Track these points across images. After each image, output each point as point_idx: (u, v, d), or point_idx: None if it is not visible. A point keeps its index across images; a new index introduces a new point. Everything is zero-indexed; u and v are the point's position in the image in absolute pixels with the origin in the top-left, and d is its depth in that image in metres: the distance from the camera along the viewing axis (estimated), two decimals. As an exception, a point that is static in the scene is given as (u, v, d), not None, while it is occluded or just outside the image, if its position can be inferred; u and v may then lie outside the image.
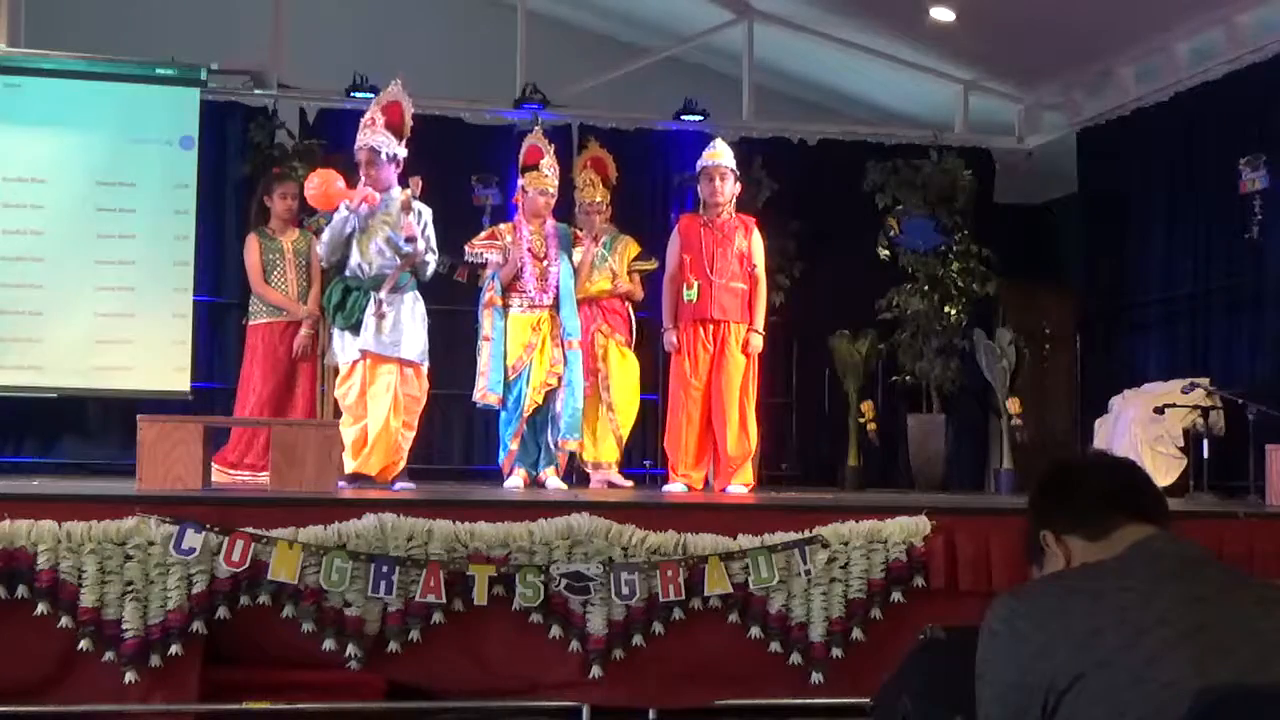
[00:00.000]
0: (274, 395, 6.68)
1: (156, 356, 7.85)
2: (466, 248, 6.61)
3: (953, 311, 8.69)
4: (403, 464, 5.90)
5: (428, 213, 5.98)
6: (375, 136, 5.88)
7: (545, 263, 6.48)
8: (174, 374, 7.86)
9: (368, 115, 5.97)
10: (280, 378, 6.72)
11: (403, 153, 5.98)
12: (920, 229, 8.61)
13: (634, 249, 6.97)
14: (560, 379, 6.40)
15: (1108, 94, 8.78)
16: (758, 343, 6.49)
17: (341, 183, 5.99)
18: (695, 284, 6.47)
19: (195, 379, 7.93)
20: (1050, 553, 1.87)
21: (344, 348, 5.87)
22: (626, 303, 6.93)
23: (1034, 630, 1.64)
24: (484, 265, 6.58)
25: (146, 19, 8.72)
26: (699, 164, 6.64)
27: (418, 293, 5.99)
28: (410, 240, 5.85)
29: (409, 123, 6.02)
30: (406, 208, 5.85)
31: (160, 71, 8.07)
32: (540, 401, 6.38)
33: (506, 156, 8.85)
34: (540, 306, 6.44)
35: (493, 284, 6.48)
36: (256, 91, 8.47)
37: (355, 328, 5.79)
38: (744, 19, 9.20)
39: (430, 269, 6.05)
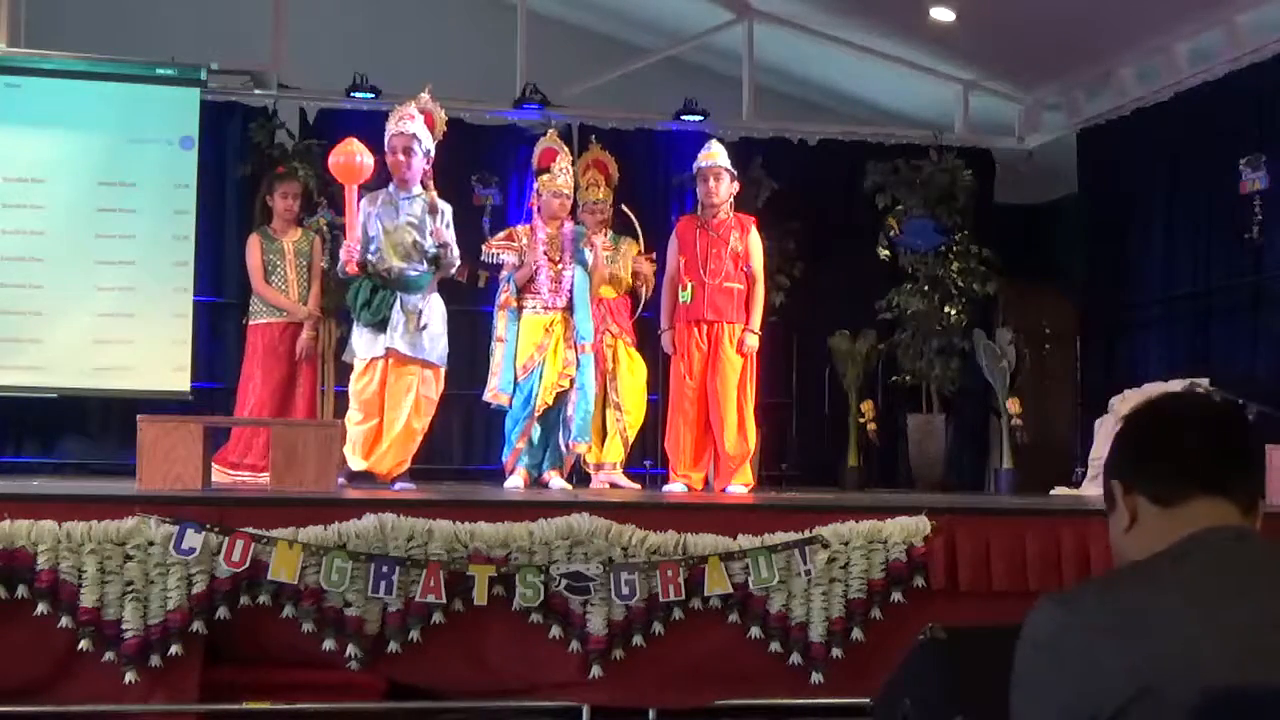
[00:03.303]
0: (274, 395, 6.68)
1: (156, 356, 7.85)
2: (484, 248, 6.65)
3: (953, 311, 8.68)
4: (407, 464, 5.90)
5: (449, 211, 5.99)
6: (417, 127, 5.88)
7: (560, 266, 6.49)
8: (174, 374, 7.85)
9: (404, 110, 5.96)
10: (280, 377, 6.72)
11: (433, 153, 6.00)
12: (920, 229, 8.61)
13: (634, 251, 6.98)
14: (572, 381, 6.41)
15: (1108, 94, 8.77)
16: (753, 342, 6.49)
17: (366, 156, 5.94)
18: (690, 285, 6.48)
19: (195, 379, 7.93)
20: (1117, 507, 1.69)
21: (364, 344, 5.86)
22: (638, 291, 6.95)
23: (1083, 650, 1.50)
24: (500, 266, 6.59)
25: (146, 19, 8.72)
26: (695, 165, 6.65)
27: (438, 294, 6.00)
28: (443, 246, 5.87)
29: (440, 133, 6.05)
30: (433, 209, 5.86)
31: (160, 71, 8.07)
32: (550, 402, 6.39)
33: (506, 157, 8.87)
34: (554, 309, 6.45)
35: (508, 286, 6.51)
36: (256, 91, 8.47)
37: (381, 325, 5.78)
38: (744, 19, 9.19)
39: (454, 269, 6.07)
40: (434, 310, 5.90)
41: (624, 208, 7.05)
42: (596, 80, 8.89)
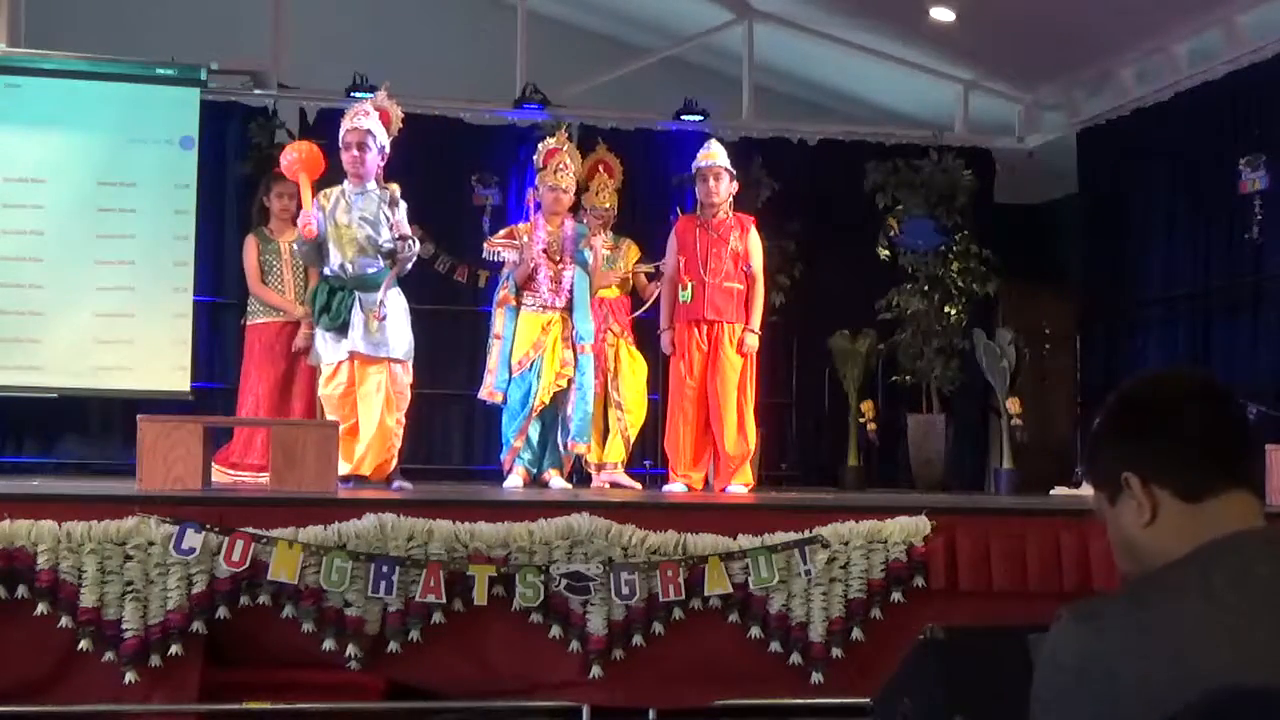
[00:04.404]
0: (272, 394, 6.67)
1: (156, 356, 7.85)
2: (485, 245, 6.63)
3: (953, 311, 8.68)
4: (395, 461, 5.88)
5: (403, 206, 5.95)
6: (371, 122, 5.87)
7: (560, 265, 6.47)
8: (174, 374, 7.85)
9: (360, 107, 5.97)
10: (278, 377, 6.71)
11: (388, 149, 5.98)
12: (920, 229, 8.61)
13: (634, 252, 6.98)
14: (570, 381, 6.40)
15: (1108, 94, 8.77)
16: (753, 342, 6.49)
17: (313, 153, 6.00)
18: (690, 285, 6.48)
19: (195, 379, 7.93)
20: (1133, 499, 1.56)
21: (328, 348, 5.84)
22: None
23: (1109, 674, 1.41)
24: (501, 263, 6.59)
25: (146, 19, 8.72)
26: (694, 164, 6.65)
27: (399, 288, 5.97)
28: (402, 239, 5.83)
29: (396, 130, 6.03)
30: (394, 202, 5.83)
31: (160, 71, 8.07)
32: (547, 401, 6.38)
33: (506, 157, 8.87)
34: (552, 308, 6.45)
35: (506, 283, 6.50)
36: (256, 91, 8.47)
37: (342, 329, 5.76)
38: (744, 19, 9.20)
39: (411, 262, 6.03)
40: (393, 305, 5.84)
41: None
42: (596, 80, 8.89)
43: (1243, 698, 1.33)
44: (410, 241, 5.85)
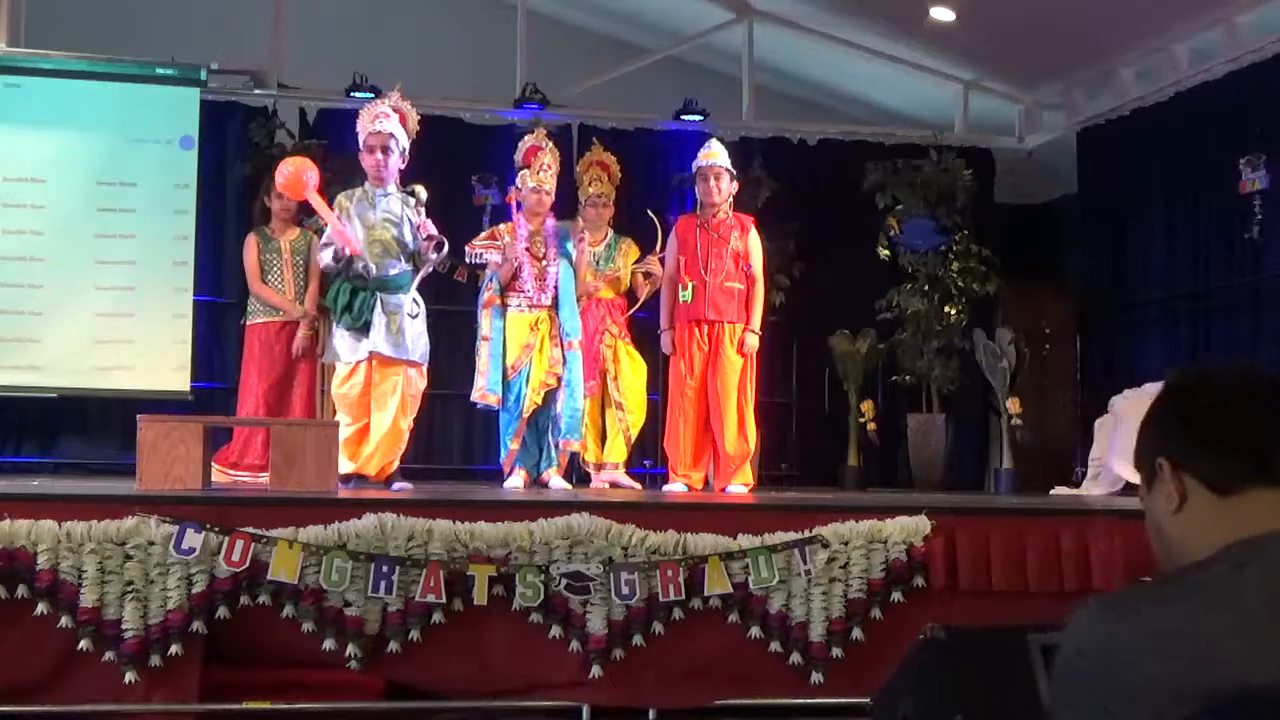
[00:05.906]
0: (271, 394, 6.67)
1: (156, 356, 7.85)
2: (467, 248, 6.61)
3: (953, 311, 8.68)
4: (396, 463, 5.88)
5: (423, 209, 5.96)
6: (393, 125, 5.87)
7: (544, 262, 6.46)
8: (174, 374, 7.86)
9: (379, 109, 5.95)
10: (277, 377, 6.71)
11: (407, 151, 5.99)
12: (920, 229, 8.61)
13: (635, 253, 6.98)
14: (560, 379, 6.39)
15: (1108, 94, 8.78)
16: (753, 343, 6.50)
17: (313, 173, 5.93)
18: (690, 284, 6.48)
19: (195, 379, 7.93)
20: (1164, 484, 1.57)
21: (347, 348, 5.84)
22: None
23: (1129, 666, 1.41)
24: (484, 265, 6.58)
25: (146, 19, 8.73)
26: (695, 164, 6.66)
27: (416, 291, 5.98)
28: (431, 239, 5.84)
29: (413, 131, 6.03)
30: (421, 202, 5.84)
31: (160, 71, 8.07)
32: (540, 402, 6.37)
33: (506, 156, 8.85)
34: (539, 306, 6.43)
35: (491, 284, 6.48)
36: (256, 91, 8.47)
37: (364, 328, 5.75)
38: (744, 19, 9.20)
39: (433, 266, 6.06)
40: (415, 309, 5.88)
41: (651, 214, 7.05)
42: (596, 80, 8.89)
43: (1261, 698, 1.32)
44: (440, 242, 5.86)
